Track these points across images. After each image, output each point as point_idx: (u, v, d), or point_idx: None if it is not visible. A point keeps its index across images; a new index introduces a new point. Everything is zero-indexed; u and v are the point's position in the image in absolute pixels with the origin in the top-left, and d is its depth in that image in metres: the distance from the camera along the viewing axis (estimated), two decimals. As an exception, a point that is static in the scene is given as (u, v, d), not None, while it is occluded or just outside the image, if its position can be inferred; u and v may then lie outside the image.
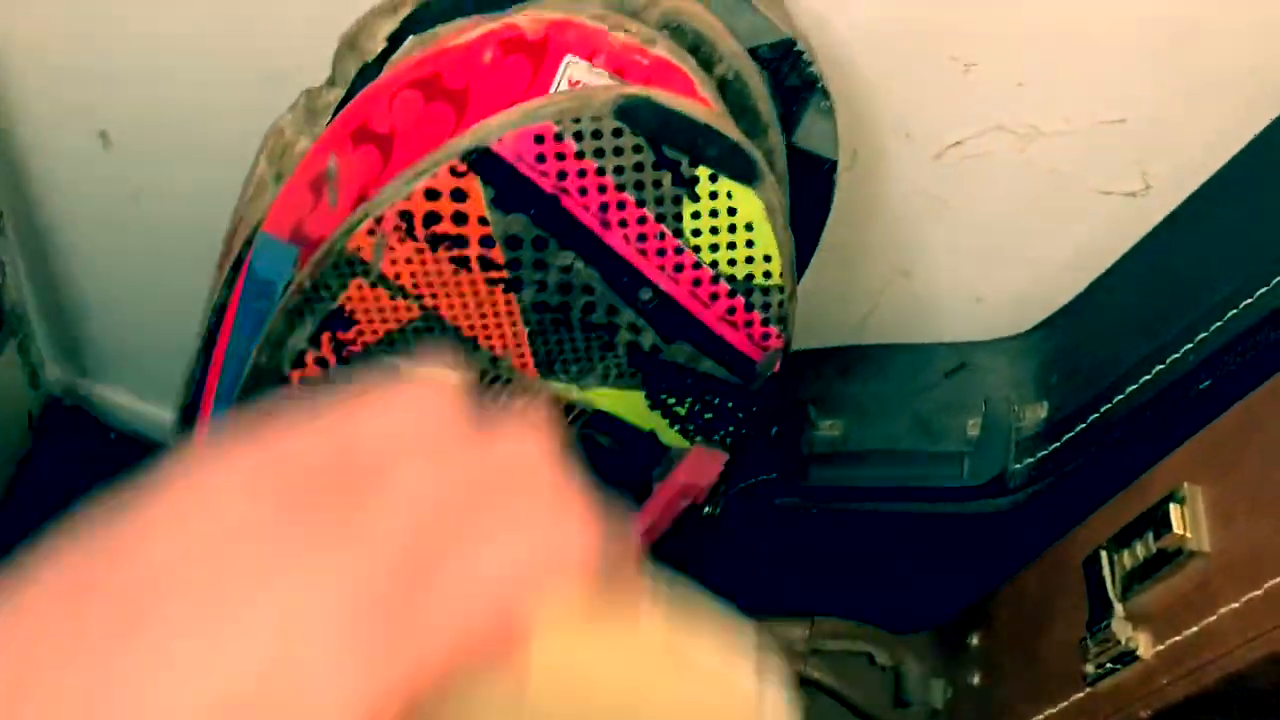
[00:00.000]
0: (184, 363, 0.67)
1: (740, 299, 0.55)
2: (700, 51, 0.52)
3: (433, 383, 0.26)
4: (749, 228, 0.53)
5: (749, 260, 0.54)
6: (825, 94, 0.56)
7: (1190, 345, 0.53)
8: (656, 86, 0.49)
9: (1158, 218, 0.61)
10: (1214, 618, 0.44)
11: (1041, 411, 0.63)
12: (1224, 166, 0.57)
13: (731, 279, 0.54)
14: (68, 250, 0.92)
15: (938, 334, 0.71)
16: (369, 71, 0.57)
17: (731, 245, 0.53)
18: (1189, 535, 0.47)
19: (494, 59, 0.48)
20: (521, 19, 0.48)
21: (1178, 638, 0.46)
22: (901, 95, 0.61)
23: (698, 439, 0.61)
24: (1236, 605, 0.44)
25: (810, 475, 0.65)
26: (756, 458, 0.69)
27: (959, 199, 0.66)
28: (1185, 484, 0.49)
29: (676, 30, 0.51)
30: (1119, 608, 0.50)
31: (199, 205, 0.80)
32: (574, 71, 0.49)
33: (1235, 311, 0.50)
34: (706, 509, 0.77)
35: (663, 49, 0.49)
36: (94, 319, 1.01)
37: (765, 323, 0.56)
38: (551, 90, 0.49)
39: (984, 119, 0.61)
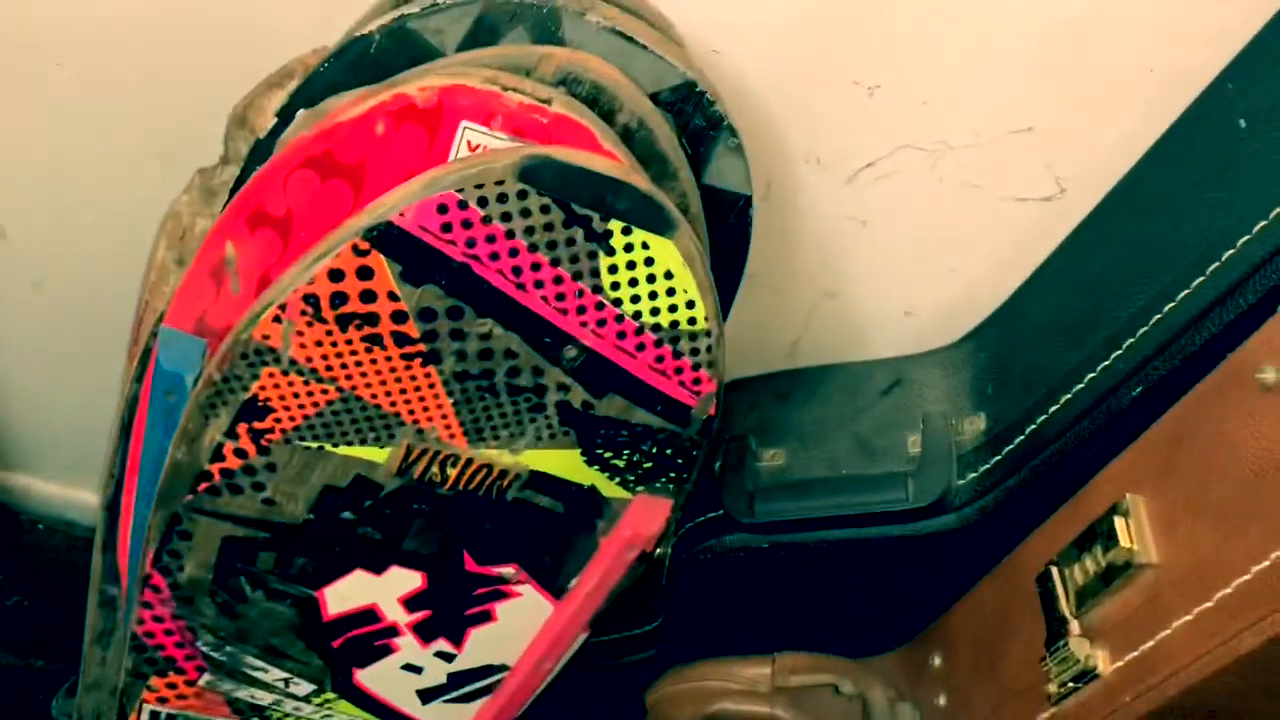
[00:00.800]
0: (102, 445, 0.65)
1: (667, 347, 0.54)
2: (600, 102, 0.51)
3: None
4: (669, 275, 0.52)
5: (672, 308, 0.53)
6: (732, 131, 0.55)
7: (1119, 352, 0.52)
8: (558, 144, 0.48)
9: (1075, 220, 0.61)
10: (1168, 631, 0.44)
11: (980, 423, 0.63)
12: (1134, 167, 0.57)
13: (657, 328, 0.53)
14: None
15: (870, 350, 0.71)
16: (262, 148, 0.55)
17: (653, 295, 0.52)
18: (1136, 547, 0.47)
19: (387, 131, 0.47)
20: (410, 88, 0.46)
21: (1135, 653, 0.46)
22: (809, 124, 0.61)
23: (639, 489, 0.60)
24: (1189, 618, 0.43)
25: (756, 510, 0.64)
26: (701, 496, 0.68)
27: (877, 218, 0.65)
28: (1127, 495, 0.49)
29: (574, 83, 0.50)
30: (1074, 624, 0.50)
31: (103, 290, 0.77)
32: (471, 136, 0.47)
33: (1159, 317, 0.50)
34: (657, 550, 0.76)
35: (561, 105, 0.48)
36: (5, 410, 0.97)
37: (695, 367, 0.55)
38: (451, 157, 0.48)
39: (893, 139, 0.61)
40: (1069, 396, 0.55)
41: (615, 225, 0.49)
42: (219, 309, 0.52)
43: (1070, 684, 0.49)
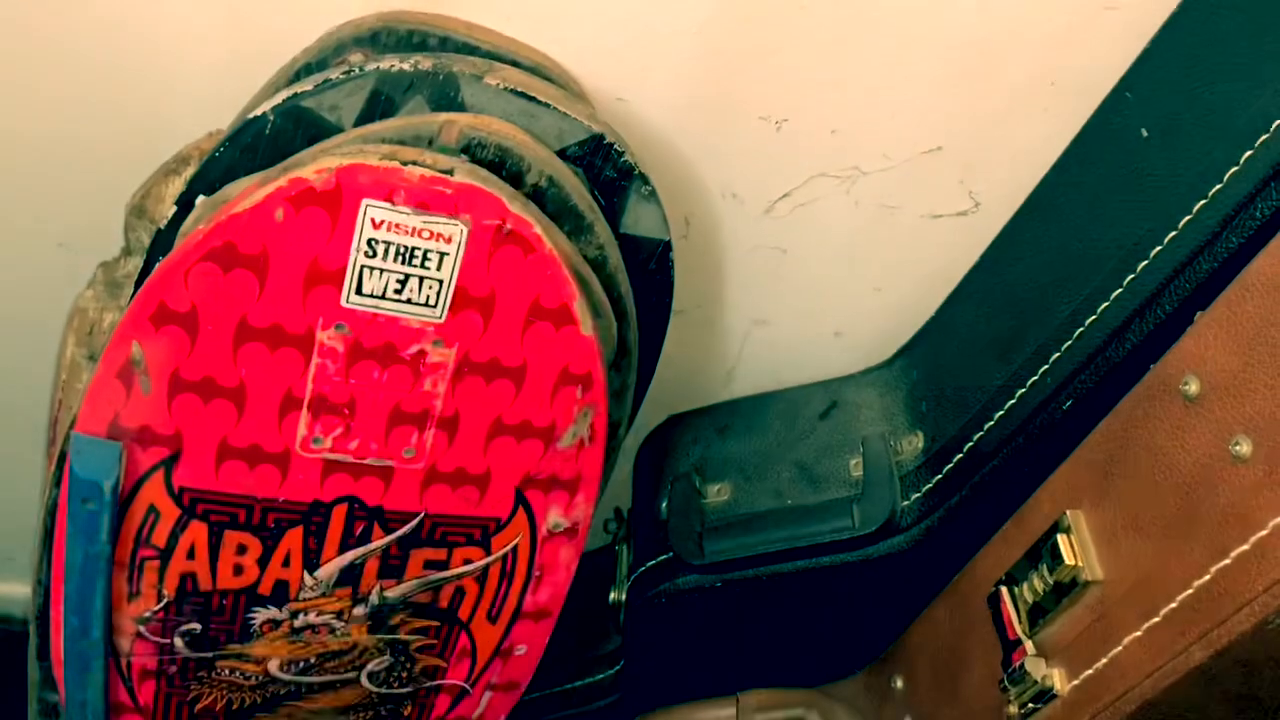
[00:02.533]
0: (24, 537, 0.63)
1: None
2: (507, 164, 0.50)
3: None
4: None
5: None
6: (644, 179, 0.54)
7: (1046, 366, 0.53)
8: (465, 212, 0.47)
9: (993, 233, 0.62)
10: (1120, 648, 0.44)
11: (919, 442, 0.63)
12: (1043, 179, 0.58)
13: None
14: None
15: (805, 374, 0.71)
16: (163, 238, 0.53)
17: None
18: (1081, 564, 0.47)
19: (287, 216, 0.45)
20: (307, 171, 0.45)
21: (1090, 671, 0.46)
22: (721, 161, 0.60)
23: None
24: (1139, 634, 0.44)
25: (706, 551, 0.64)
26: (650, 538, 0.68)
27: (798, 246, 0.65)
28: (1067, 511, 0.49)
29: (478, 147, 0.49)
30: (1028, 644, 0.50)
31: (13, 385, 0.74)
32: (375, 214, 0.46)
33: (1081, 330, 0.51)
34: (612, 596, 0.76)
35: (463, 174, 0.47)
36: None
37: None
38: (355, 236, 0.46)
39: (805, 169, 0.61)
40: (1002, 413, 0.55)
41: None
42: (131, 410, 0.51)
43: (1030, 704, 0.49)
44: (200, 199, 0.51)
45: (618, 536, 0.74)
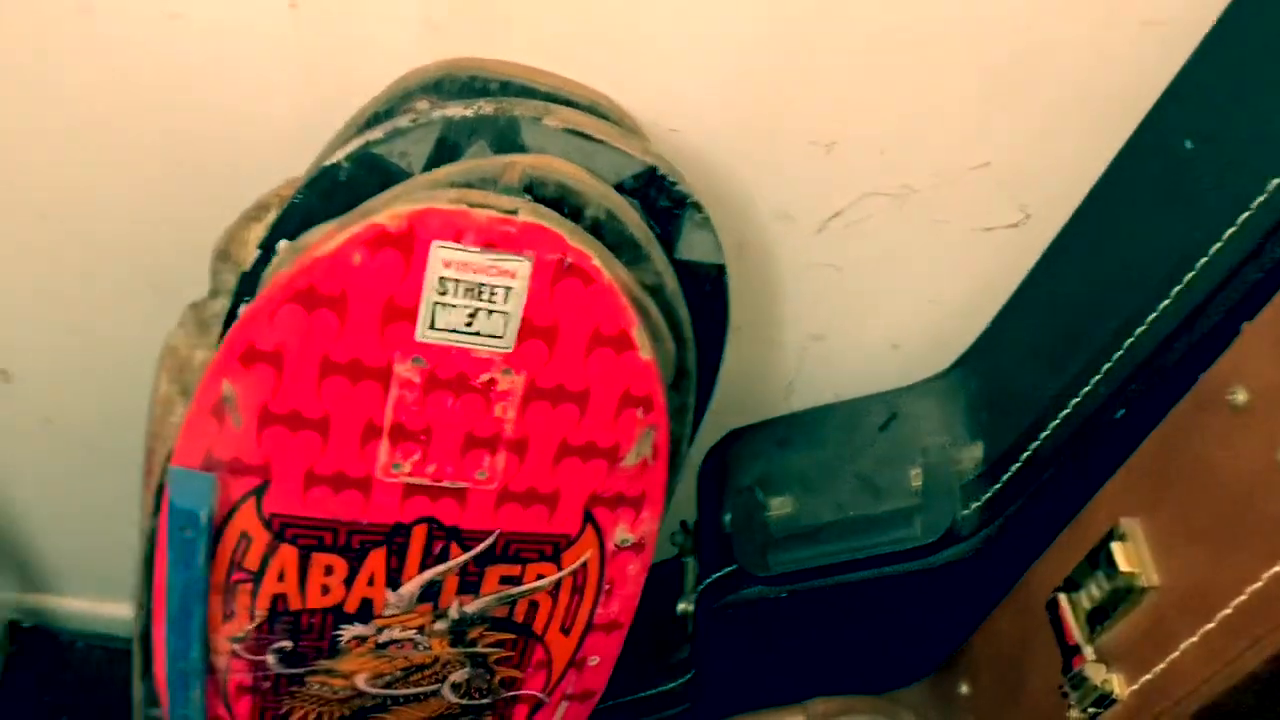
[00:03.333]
0: (125, 560, 0.66)
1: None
2: (567, 201, 0.52)
3: None
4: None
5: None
6: (698, 207, 0.57)
7: (1098, 377, 0.54)
8: (529, 249, 0.50)
9: (1045, 243, 0.62)
10: (1177, 653, 0.45)
11: (978, 451, 0.64)
12: (1091, 191, 0.58)
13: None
14: (-12, 482, 0.90)
15: (864, 386, 0.72)
16: (247, 280, 0.57)
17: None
18: (1137, 572, 0.48)
19: (364, 259, 0.48)
20: (382, 217, 0.48)
21: (1149, 676, 0.47)
22: (773, 184, 0.62)
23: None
24: (1195, 639, 0.44)
25: (770, 563, 0.65)
26: (715, 550, 0.70)
27: (852, 262, 0.67)
28: (1122, 519, 0.50)
29: (539, 185, 0.52)
30: (1088, 650, 0.51)
31: (110, 420, 0.79)
32: (444, 254, 0.49)
33: (1131, 340, 0.51)
34: (680, 607, 0.78)
35: (527, 213, 0.49)
36: (33, 538, 0.99)
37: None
38: (426, 275, 0.49)
39: (856, 189, 0.62)
40: (1057, 422, 0.56)
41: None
42: (223, 443, 0.54)
43: (1091, 709, 0.50)
44: (282, 243, 0.54)
45: (684, 549, 0.76)
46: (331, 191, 0.53)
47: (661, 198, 0.56)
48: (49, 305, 0.73)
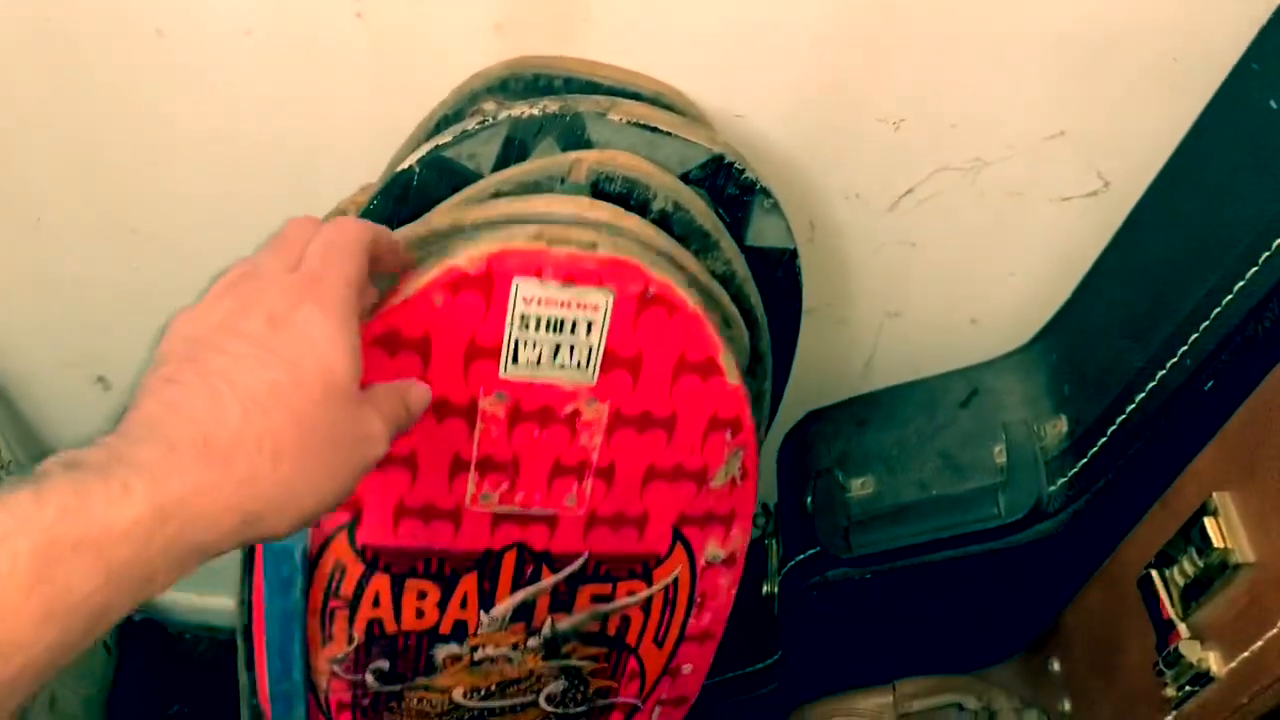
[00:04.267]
0: (230, 554, 0.69)
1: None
2: (635, 194, 0.53)
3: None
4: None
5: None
6: (766, 193, 0.56)
7: (1185, 347, 0.52)
8: (609, 283, 0.50)
9: (1125, 211, 0.61)
10: (1275, 630, 0.44)
11: (1062, 426, 0.63)
12: (1172, 156, 0.57)
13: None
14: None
15: (942, 363, 0.71)
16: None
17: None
18: (1231, 547, 0.47)
19: (445, 301, 0.49)
20: (460, 259, 0.48)
21: (1246, 654, 0.46)
22: (841, 165, 0.62)
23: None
24: (1293, 616, 0.43)
25: (853, 544, 0.65)
26: (797, 533, 0.70)
27: (926, 238, 0.66)
28: (1214, 493, 0.49)
29: (606, 180, 0.52)
30: (1182, 627, 0.50)
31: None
32: (525, 289, 0.49)
33: (1219, 310, 0.50)
34: (765, 589, 0.78)
35: (606, 248, 0.49)
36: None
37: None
38: (508, 311, 0.50)
39: (927, 165, 0.61)
40: (1144, 395, 0.55)
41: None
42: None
43: (1187, 687, 0.49)
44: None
45: (766, 531, 0.76)
46: (405, 196, 0.54)
47: (729, 185, 0.56)
48: (142, 314, 0.75)
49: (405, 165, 0.54)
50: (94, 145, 0.64)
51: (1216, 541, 0.47)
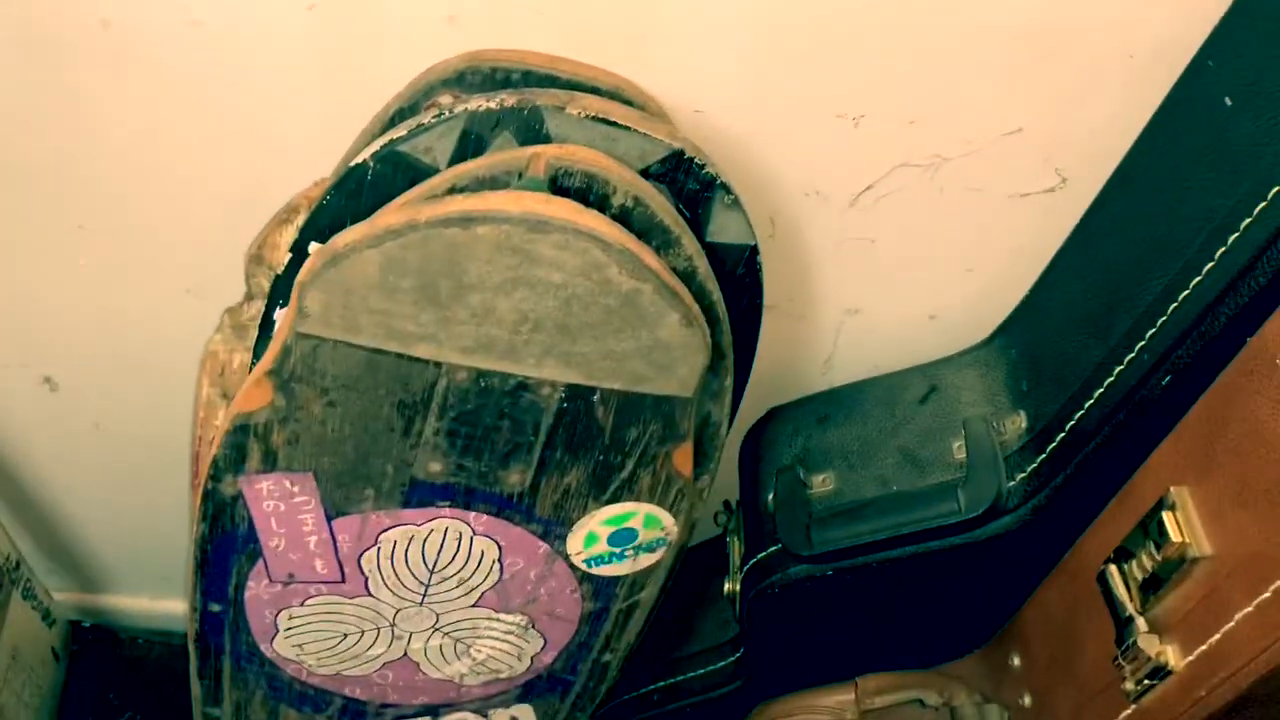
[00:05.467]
0: (180, 555, 0.67)
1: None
2: (594, 189, 0.52)
3: None
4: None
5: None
6: (726, 188, 0.56)
7: (1143, 343, 0.53)
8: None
9: (1084, 205, 0.61)
10: (1232, 624, 0.45)
11: (1021, 421, 0.63)
12: (1128, 152, 0.57)
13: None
14: (39, 487, 0.92)
15: (902, 359, 0.71)
16: (281, 283, 0.57)
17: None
18: (1188, 541, 0.47)
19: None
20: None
21: (1204, 647, 0.46)
22: (802, 160, 0.61)
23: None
24: (1250, 609, 0.44)
25: (814, 541, 0.65)
26: (758, 531, 0.70)
27: (885, 235, 0.66)
28: (1171, 488, 0.49)
29: (565, 175, 0.51)
30: (1140, 621, 0.50)
31: (155, 421, 0.80)
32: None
33: (1175, 305, 0.50)
34: (727, 586, 0.78)
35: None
36: (89, 539, 1.01)
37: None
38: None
39: (887, 161, 0.61)
40: (1102, 390, 0.55)
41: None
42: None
43: (1146, 681, 0.49)
44: (313, 246, 0.55)
45: (727, 529, 0.76)
46: (359, 191, 0.53)
47: (689, 181, 0.55)
48: (89, 313, 0.74)
49: (359, 160, 0.53)
50: (38, 139, 0.63)
51: (1174, 536, 0.48)
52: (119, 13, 0.55)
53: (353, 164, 0.53)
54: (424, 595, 0.63)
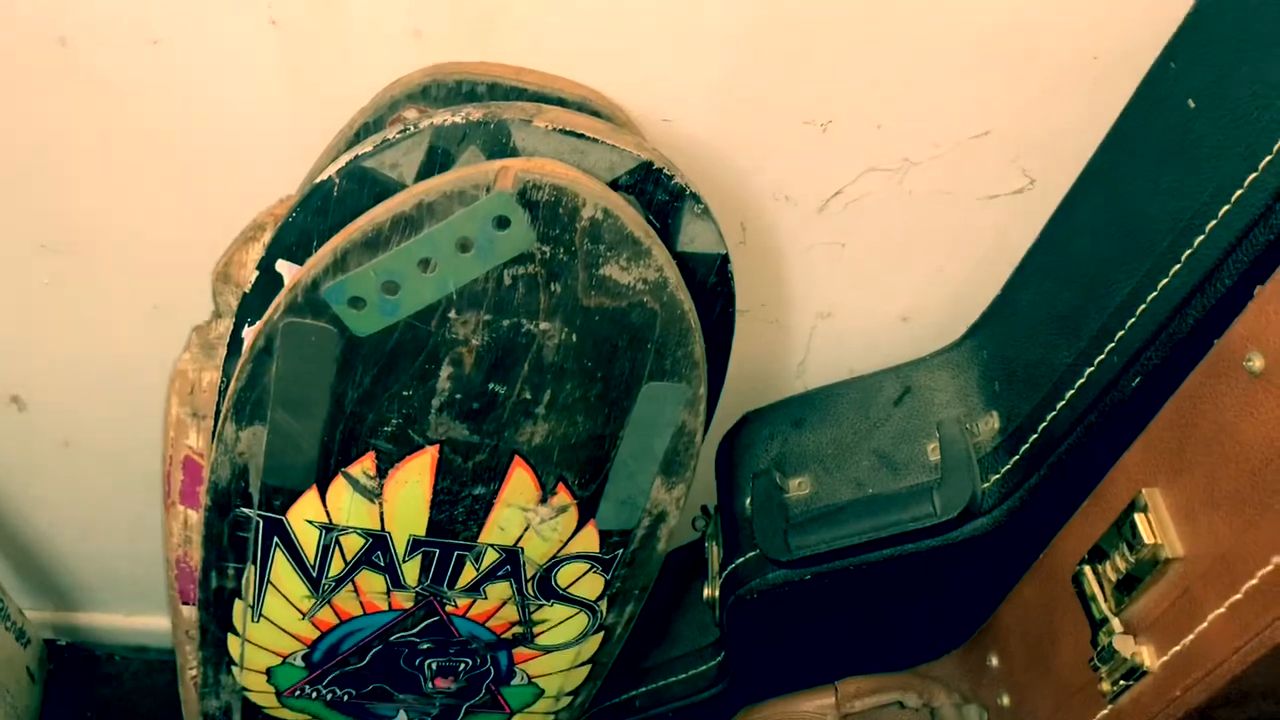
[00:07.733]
0: (155, 572, 0.66)
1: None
2: (563, 202, 0.52)
3: None
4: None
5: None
6: (696, 198, 0.56)
7: (1112, 344, 0.53)
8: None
9: (1052, 206, 0.62)
10: (1205, 624, 0.45)
11: (994, 422, 0.63)
12: (1095, 153, 0.57)
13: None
14: (9, 506, 0.91)
15: (875, 360, 0.72)
16: (250, 301, 0.56)
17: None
18: (1161, 542, 0.48)
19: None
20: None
21: (1178, 647, 0.47)
22: (770, 167, 0.61)
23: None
24: (1222, 610, 0.44)
25: (792, 546, 0.65)
26: (736, 536, 0.70)
27: (855, 239, 0.66)
28: (1143, 489, 0.49)
29: (534, 189, 0.51)
30: (1115, 622, 0.50)
31: (125, 438, 0.79)
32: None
33: (1144, 307, 0.51)
34: (706, 592, 0.77)
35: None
36: (63, 557, 1.00)
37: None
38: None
39: (855, 166, 0.61)
40: (1073, 391, 0.56)
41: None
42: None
43: (1122, 681, 0.50)
44: (280, 261, 0.54)
45: (706, 534, 0.76)
46: (325, 208, 0.53)
47: (659, 191, 0.55)
48: (56, 332, 0.73)
49: (325, 176, 0.52)
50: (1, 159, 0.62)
51: (1147, 537, 0.48)
52: (76, 31, 0.55)
53: (318, 180, 0.52)
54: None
